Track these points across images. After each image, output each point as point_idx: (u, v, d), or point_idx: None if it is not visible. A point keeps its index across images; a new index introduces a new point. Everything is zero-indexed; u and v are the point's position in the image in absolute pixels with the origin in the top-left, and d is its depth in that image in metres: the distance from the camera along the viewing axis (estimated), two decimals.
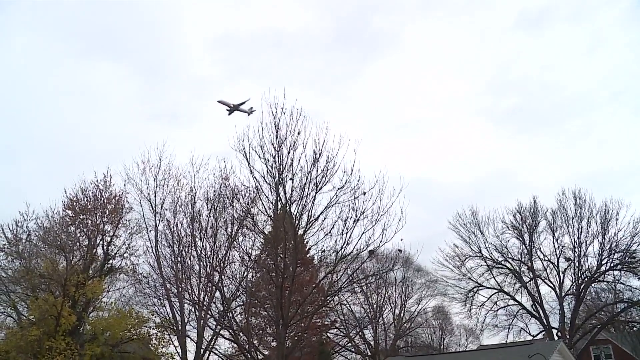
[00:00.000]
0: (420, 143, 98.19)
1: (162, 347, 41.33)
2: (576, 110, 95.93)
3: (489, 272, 52.10)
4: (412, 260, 48.64)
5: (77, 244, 39.90)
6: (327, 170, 28.28)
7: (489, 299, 52.35)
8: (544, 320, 50.68)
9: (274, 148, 28.50)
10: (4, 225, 38.34)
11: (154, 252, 41.89)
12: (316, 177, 28.26)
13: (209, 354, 42.80)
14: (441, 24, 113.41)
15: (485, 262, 52.01)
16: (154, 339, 41.00)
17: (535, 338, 48.93)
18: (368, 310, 50.66)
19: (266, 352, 35.05)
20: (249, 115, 71.10)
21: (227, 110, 73.08)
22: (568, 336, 47.76)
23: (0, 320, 38.37)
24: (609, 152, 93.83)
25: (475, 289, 52.17)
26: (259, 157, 28.49)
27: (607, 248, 48.37)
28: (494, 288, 52.33)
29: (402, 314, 52.92)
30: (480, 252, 51.91)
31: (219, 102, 74.24)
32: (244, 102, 71.19)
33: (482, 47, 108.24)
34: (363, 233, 28.05)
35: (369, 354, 51.15)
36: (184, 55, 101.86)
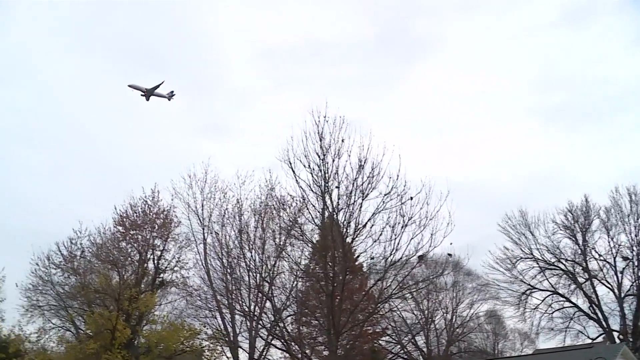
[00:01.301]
0: (467, 144, 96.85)
1: (214, 359, 41.75)
2: (627, 104, 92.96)
3: (542, 274, 50.87)
4: (462, 264, 48.13)
5: (129, 259, 40.74)
6: (373, 176, 28.15)
7: (543, 301, 51.11)
8: (603, 323, 49.08)
9: (319, 157, 28.49)
10: (60, 243, 39.37)
11: (204, 264, 42.32)
12: (362, 184, 28.15)
13: None
14: (483, 23, 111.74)
15: (538, 263, 50.80)
16: (206, 351, 41.48)
17: (594, 341, 47.41)
18: (419, 316, 50.15)
19: None
20: (169, 100, 68.16)
21: (142, 95, 66.74)
22: (631, 339, 46.15)
23: (60, 334, 39.41)
24: None
25: (528, 292, 51.01)
26: (304, 166, 28.56)
27: None
28: (547, 290, 51.07)
29: (454, 319, 52.20)
30: (532, 254, 50.76)
31: (129, 86, 67.22)
32: (158, 85, 65.99)
33: (526, 44, 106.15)
34: (412, 238, 27.80)
35: None
36: (228, 70, 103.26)
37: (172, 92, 67.94)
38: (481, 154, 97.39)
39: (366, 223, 28.20)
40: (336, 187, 28.36)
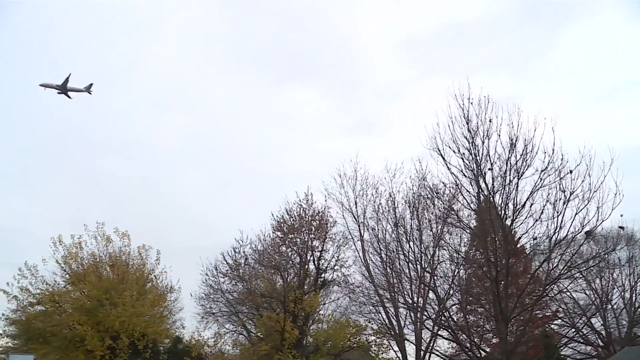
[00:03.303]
0: (629, 107, 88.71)
1: (382, 353, 42.14)
2: None
3: None
4: (636, 237, 44.74)
5: (290, 262, 42.39)
6: (527, 153, 27.17)
7: None
8: None
9: (467, 140, 28.01)
10: (225, 253, 41.85)
11: (363, 261, 42.89)
12: (516, 162, 27.26)
13: (430, 356, 42.69)
14: None
15: None
16: (373, 346, 41.93)
17: None
18: (593, 297, 47.24)
19: (488, 350, 34.04)
20: (89, 93, 68.46)
21: (60, 93, 66.68)
22: None
23: (233, 338, 41.91)
24: None
25: None
26: (454, 152, 28.21)
27: None
28: None
29: (633, 298, 48.56)
30: None
31: (41, 85, 66.98)
32: (67, 79, 65.55)
33: None
34: (576, 214, 26.31)
35: (601, 344, 47.54)
36: (372, 64, 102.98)
37: (91, 84, 69.25)
38: None
39: (525, 202, 27.26)
40: (489, 169, 27.72)
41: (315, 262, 42.85)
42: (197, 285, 42.33)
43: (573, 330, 47.92)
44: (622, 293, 48.01)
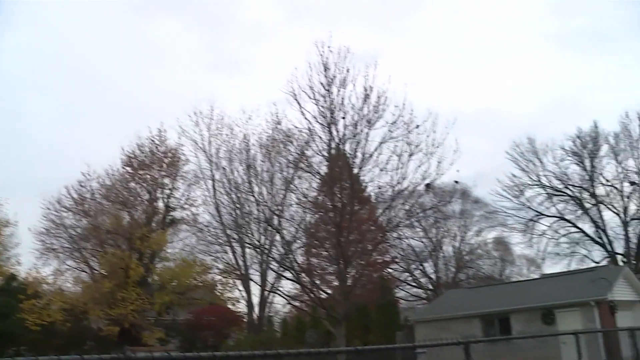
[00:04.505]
0: (482, 72, 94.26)
1: (227, 292, 42.78)
2: None
3: (549, 200, 51.11)
4: (469, 192, 48.45)
5: (139, 198, 41.14)
6: (379, 106, 28.14)
7: (549, 227, 51.59)
8: (608, 247, 49.65)
9: (324, 87, 28.38)
10: (69, 186, 39.70)
11: (213, 200, 42.77)
12: (368, 113, 28.16)
13: (273, 296, 44.00)
14: None
15: (545, 190, 50.97)
16: (219, 285, 42.37)
17: (599, 265, 48.07)
18: (427, 244, 50.74)
19: (329, 291, 35.60)
20: None
21: None
22: (635, 262, 46.74)
23: (75, 275, 40.23)
24: None
25: (535, 218, 51.42)
26: (309, 98, 28.50)
27: None
28: (554, 216, 51.41)
29: (462, 247, 52.85)
30: (540, 181, 50.84)
31: None
32: None
33: None
34: (418, 167, 28.06)
35: (431, 287, 51.53)
36: (240, 2, 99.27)
37: None
38: (498, 81, 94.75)
39: (373, 153, 28.45)
40: (342, 117, 28.42)
41: (165, 200, 42.10)
42: (37, 219, 39.90)
43: (408, 274, 51.58)
44: (453, 242, 52.21)
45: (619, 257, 49.20)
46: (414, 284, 52.45)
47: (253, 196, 33.37)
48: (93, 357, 3.06)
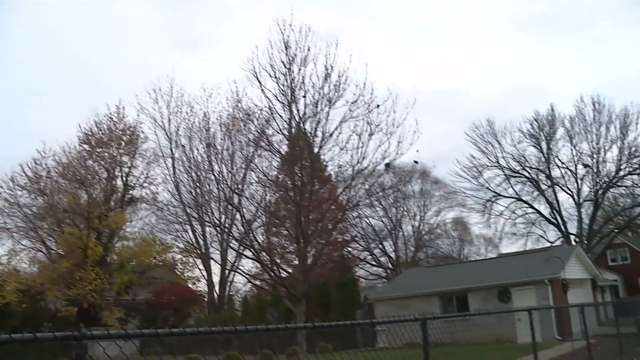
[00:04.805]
0: (443, 55, 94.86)
1: (187, 271, 42.59)
2: (608, 10, 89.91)
3: (507, 181, 52.07)
4: (429, 172, 49.02)
5: (96, 177, 40.44)
6: (340, 85, 28.21)
7: (507, 208, 52.66)
8: (562, 227, 51.03)
9: (284, 66, 28.30)
10: (24, 164, 38.75)
11: (173, 179, 42.44)
12: (328, 92, 28.21)
13: (234, 275, 43.97)
14: None
15: (503, 171, 51.89)
16: (179, 264, 42.17)
17: (553, 245, 49.32)
18: (387, 223, 51.25)
19: (289, 270, 35.81)
20: None
21: None
22: (586, 241, 48.15)
23: (31, 255, 39.44)
24: None
25: (493, 199, 52.39)
26: (270, 76, 28.40)
27: (626, 153, 47.72)
28: (512, 197, 52.47)
29: (421, 226, 53.59)
30: (498, 162, 51.71)
31: None
32: None
33: None
34: (379, 146, 28.31)
35: (390, 266, 52.16)
36: None
37: None
38: (460, 64, 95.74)
39: (333, 131, 28.60)
40: (303, 96, 28.45)
41: (124, 179, 41.59)
42: None
43: (367, 253, 52.11)
44: (412, 221, 52.84)
45: (572, 237, 50.65)
46: (373, 262, 53.05)
47: (213, 175, 33.25)
48: (47, 335, 3.08)
